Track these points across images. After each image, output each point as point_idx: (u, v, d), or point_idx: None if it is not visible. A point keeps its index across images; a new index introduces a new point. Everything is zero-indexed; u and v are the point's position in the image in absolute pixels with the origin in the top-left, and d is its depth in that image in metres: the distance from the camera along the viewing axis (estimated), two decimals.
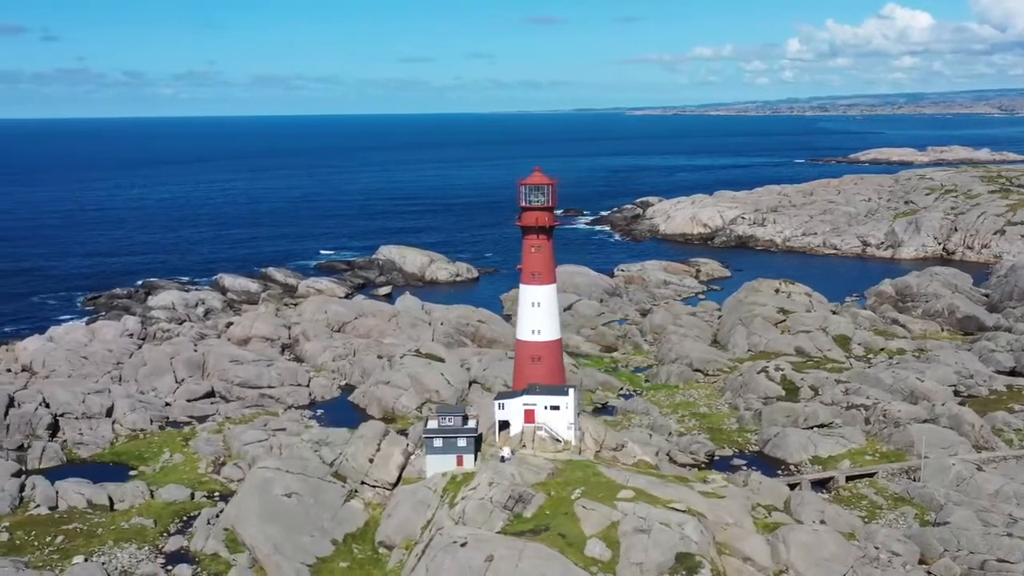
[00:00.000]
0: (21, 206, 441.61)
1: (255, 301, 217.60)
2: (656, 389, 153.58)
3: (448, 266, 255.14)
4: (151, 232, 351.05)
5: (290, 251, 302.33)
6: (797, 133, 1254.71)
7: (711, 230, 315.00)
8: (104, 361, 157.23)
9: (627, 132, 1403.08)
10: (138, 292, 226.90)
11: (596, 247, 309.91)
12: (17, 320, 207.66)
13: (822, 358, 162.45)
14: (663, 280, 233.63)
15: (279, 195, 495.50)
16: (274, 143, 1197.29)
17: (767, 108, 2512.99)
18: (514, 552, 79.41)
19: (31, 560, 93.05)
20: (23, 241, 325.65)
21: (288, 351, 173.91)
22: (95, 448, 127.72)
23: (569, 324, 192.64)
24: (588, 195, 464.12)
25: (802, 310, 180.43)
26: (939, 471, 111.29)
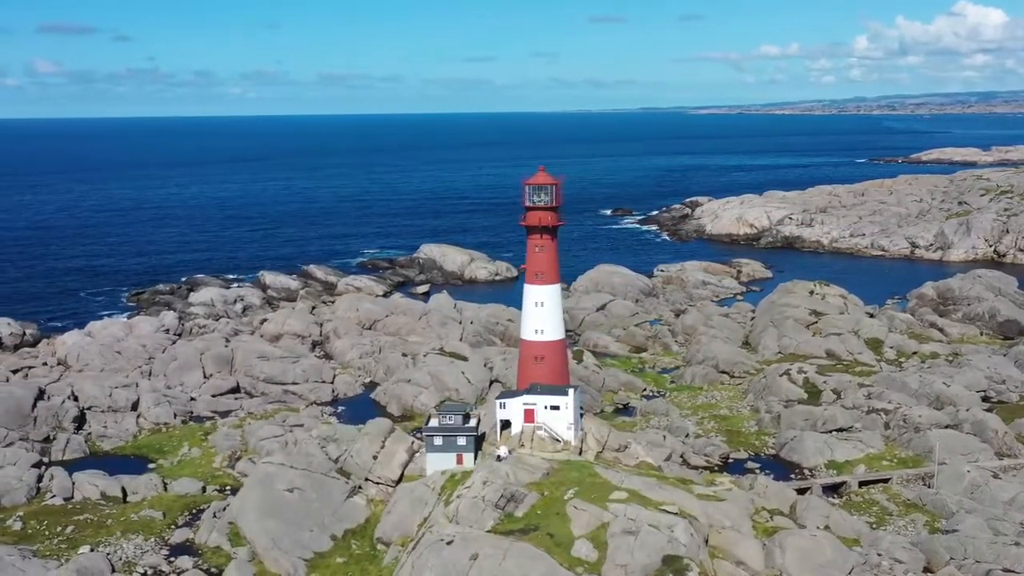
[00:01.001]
0: (82, 203, 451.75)
1: (294, 298, 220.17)
2: (680, 390, 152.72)
3: (488, 265, 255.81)
4: (202, 229, 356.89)
5: (336, 249, 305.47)
6: (861, 132, 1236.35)
7: (757, 230, 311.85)
8: (136, 356, 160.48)
9: (688, 131, 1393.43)
10: (180, 288, 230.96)
11: (641, 247, 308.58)
12: (63, 315, 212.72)
13: (852, 361, 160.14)
14: (701, 281, 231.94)
15: (332, 193, 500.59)
16: (335, 142, 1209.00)
17: (833, 107, 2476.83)
18: (499, 551, 79.66)
19: (40, 549, 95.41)
20: (80, 238, 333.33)
21: (319, 348, 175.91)
22: (118, 441, 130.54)
23: (601, 324, 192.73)
24: (640, 194, 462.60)
25: (835, 312, 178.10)
26: (953, 478, 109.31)
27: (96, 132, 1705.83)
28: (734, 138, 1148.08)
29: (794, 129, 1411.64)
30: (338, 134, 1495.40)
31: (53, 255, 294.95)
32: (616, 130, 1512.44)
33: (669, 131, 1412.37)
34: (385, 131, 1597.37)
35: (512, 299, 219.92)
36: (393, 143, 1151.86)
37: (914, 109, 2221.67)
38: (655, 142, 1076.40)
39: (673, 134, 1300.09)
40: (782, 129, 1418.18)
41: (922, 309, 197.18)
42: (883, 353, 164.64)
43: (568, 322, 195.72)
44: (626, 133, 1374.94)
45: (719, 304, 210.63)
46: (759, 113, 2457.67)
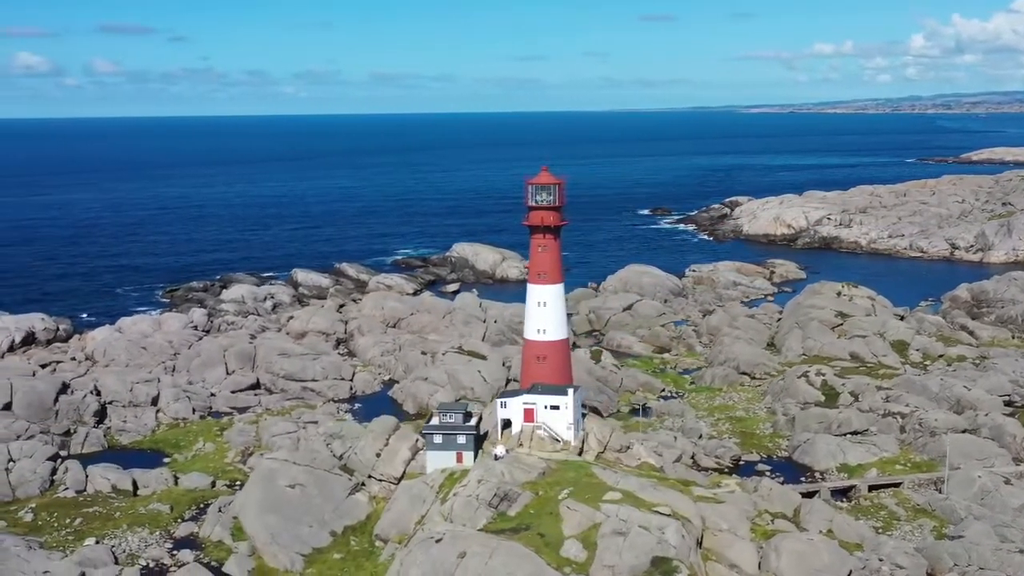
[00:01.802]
0: (129, 201, 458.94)
1: (325, 296, 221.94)
2: (698, 391, 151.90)
3: (519, 264, 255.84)
4: (242, 228, 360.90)
5: (372, 247, 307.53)
6: (913, 132, 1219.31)
7: (795, 231, 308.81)
8: (162, 352, 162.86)
9: (738, 130, 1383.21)
10: (214, 286, 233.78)
11: (676, 247, 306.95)
12: (99, 311, 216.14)
13: (876, 364, 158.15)
14: (732, 281, 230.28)
15: (375, 192, 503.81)
16: (384, 141, 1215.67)
17: (887, 106, 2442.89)
18: (486, 550, 79.92)
19: (47, 541, 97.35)
20: (122, 235, 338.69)
21: (343, 345, 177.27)
22: (136, 435, 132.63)
23: (627, 324, 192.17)
24: (681, 194, 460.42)
25: (862, 314, 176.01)
26: (964, 483, 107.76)
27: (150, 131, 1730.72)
28: (783, 137, 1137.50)
29: (845, 128, 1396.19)
30: (387, 133, 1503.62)
31: (95, 252, 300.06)
32: (664, 129, 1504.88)
33: (717, 130, 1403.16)
34: (435, 130, 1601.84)
35: None
36: (442, 142, 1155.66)
37: (970, 108, 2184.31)
38: (702, 141, 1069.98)
39: (721, 133, 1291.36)
40: (833, 128, 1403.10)
41: (954, 311, 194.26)
42: (908, 356, 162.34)
43: (594, 322, 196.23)
44: (674, 132, 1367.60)
45: (749, 305, 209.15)
46: (811, 112, 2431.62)
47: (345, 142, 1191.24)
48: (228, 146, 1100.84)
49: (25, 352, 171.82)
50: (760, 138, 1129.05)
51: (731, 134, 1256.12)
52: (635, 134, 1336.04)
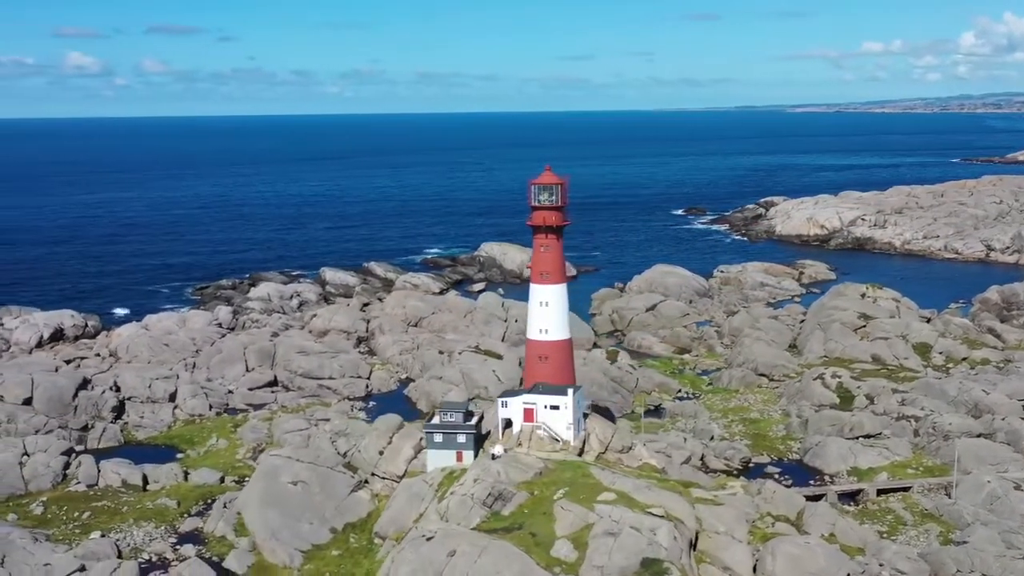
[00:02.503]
0: (170, 200, 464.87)
1: (351, 295, 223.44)
2: (715, 392, 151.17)
3: None
4: (279, 227, 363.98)
5: (405, 246, 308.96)
6: (961, 131, 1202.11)
7: (828, 231, 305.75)
8: (184, 349, 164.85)
9: (783, 130, 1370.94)
10: (242, 284, 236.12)
11: (708, 247, 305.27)
12: (129, 307, 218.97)
13: (897, 366, 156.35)
14: (759, 282, 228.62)
15: (413, 191, 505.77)
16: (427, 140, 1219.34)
17: (936, 105, 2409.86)
18: (476, 549, 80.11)
19: (54, 534, 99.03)
20: (159, 233, 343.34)
21: (364, 344, 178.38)
22: (152, 431, 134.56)
23: (649, 325, 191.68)
24: (718, 194, 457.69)
25: (885, 316, 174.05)
26: (973, 488, 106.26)
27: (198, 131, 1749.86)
28: (827, 137, 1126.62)
29: (892, 128, 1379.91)
30: (431, 132, 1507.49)
31: (132, 250, 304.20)
32: (708, 129, 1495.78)
33: (762, 130, 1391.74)
34: (479, 130, 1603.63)
35: None
36: (485, 141, 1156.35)
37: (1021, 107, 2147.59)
38: (746, 141, 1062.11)
39: (765, 133, 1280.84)
40: (879, 128, 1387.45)
41: (983, 314, 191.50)
42: (931, 359, 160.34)
43: (617, 322, 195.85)
44: (717, 132, 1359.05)
45: (775, 306, 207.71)
46: (858, 112, 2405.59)
47: (387, 141, 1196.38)
48: (272, 146, 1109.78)
49: (52, 348, 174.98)
50: (804, 138, 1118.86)
51: (775, 134, 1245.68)
52: (678, 134, 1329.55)
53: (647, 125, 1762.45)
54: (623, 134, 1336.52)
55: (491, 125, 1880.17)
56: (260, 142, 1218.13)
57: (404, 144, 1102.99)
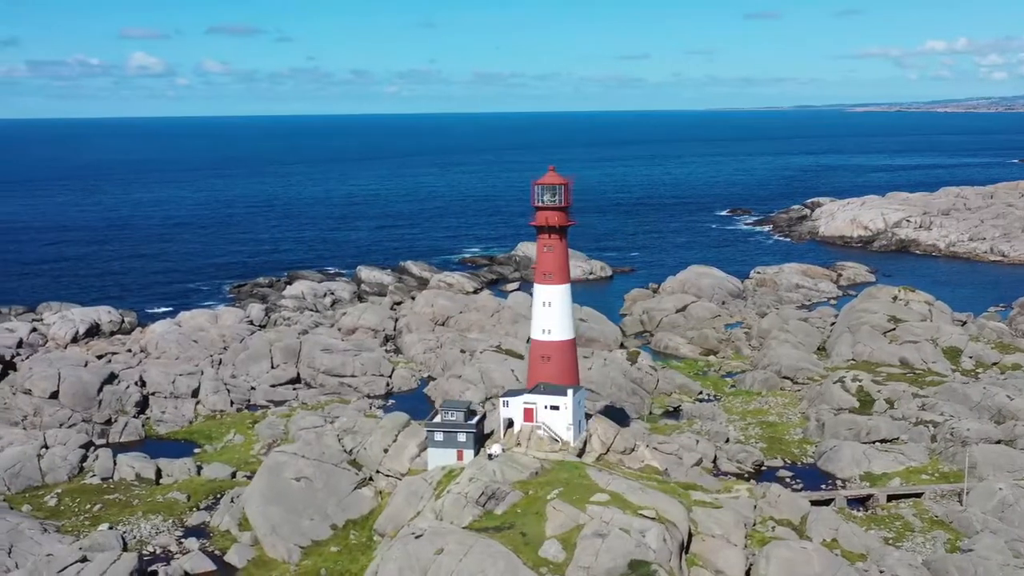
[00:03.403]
0: (219, 198, 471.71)
1: (385, 293, 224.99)
2: (736, 395, 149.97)
3: (582, 264, 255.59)
4: (324, 225, 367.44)
5: (444, 245, 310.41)
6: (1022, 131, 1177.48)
7: (871, 233, 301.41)
8: (212, 345, 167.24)
9: (840, 130, 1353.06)
10: (279, 282, 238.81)
11: (748, 248, 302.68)
12: (167, 304, 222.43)
13: (924, 371, 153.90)
14: (795, 284, 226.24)
15: (459, 191, 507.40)
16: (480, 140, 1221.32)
17: (1001, 105, 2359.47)
18: (463, 548, 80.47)
19: (64, 525, 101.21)
20: (205, 231, 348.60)
21: (391, 342, 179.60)
22: (173, 426, 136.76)
23: (679, 326, 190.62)
24: (766, 194, 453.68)
25: (916, 319, 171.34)
26: (984, 495, 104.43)
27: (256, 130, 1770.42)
28: (886, 137, 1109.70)
29: (953, 128, 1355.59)
30: (487, 132, 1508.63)
31: (177, 247, 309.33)
32: (764, 129, 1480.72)
33: (819, 130, 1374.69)
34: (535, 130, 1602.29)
35: (600, 297, 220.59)
36: (540, 141, 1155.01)
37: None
38: (801, 141, 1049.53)
39: (822, 133, 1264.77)
40: (940, 128, 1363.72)
41: (1021, 318, 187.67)
42: (960, 363, 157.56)
43: (646, 322, 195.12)
44: (774, 132, 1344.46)
45: (809, 308, 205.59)
46: (920, 111, 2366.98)
47: (441, 141, 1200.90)
48: (328, 145, 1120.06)
49: (87, 343, 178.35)
50: (861, 138, 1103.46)
51: (832, 134, 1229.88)
52: (732, 134, 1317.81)
53: (702, 125, 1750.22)
54: (677, 134, 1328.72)
55: (547, 125, 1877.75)
56: (316, 141, 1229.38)
57: (457, 144, 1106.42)
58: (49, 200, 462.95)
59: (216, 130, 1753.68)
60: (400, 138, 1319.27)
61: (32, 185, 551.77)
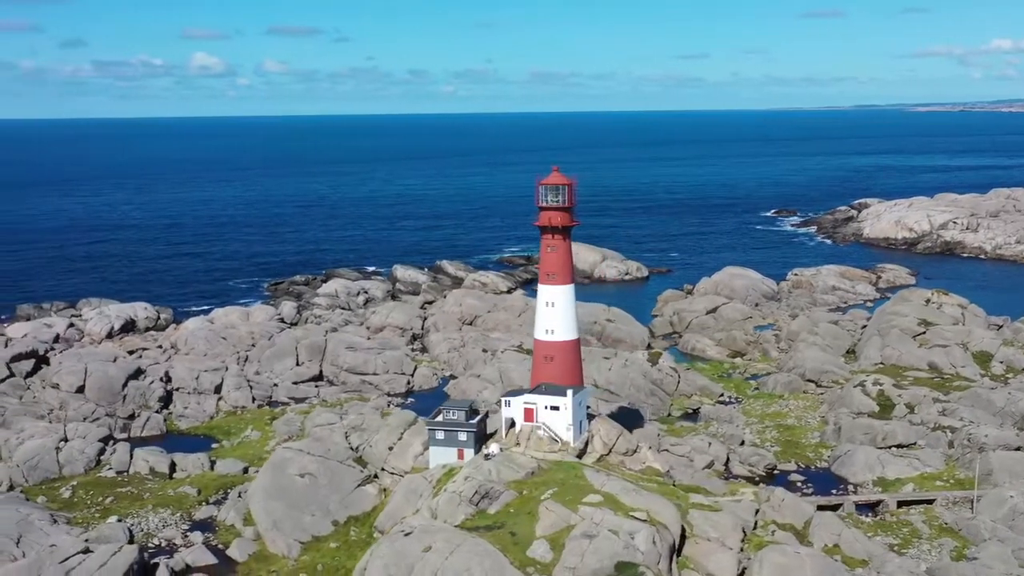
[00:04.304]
0: (268, 198, 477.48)
1: (419, 292, 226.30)
2: (758, 397, 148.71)
3: (618, 264, 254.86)
4: (368, 225, 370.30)
5: (484, 244, 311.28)
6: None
7: (916, 235, 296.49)
8: (240, 342, 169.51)
9: (901, 130, 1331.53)
10: (315, 279, 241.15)
11: (790, 249, 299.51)
12: (208, 301, 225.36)
13: (953, 375, 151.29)
14: (832, 286, 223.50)
15: (505, 190, 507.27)
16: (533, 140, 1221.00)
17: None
18: (450, 546, 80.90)
19: (75, 517, 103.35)
20: (251, 229, 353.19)
21: (418, 341, 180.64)
22: (194, 421, 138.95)
23: (709, 327, 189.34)
24: (815, 195, 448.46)
25: (948, 323, 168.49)
26: (995, 503, 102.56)
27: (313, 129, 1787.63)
28: (946, 137, 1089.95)
29: (1017, 128, 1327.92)
30: (542, 132, 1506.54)
31: (222, 245, 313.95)
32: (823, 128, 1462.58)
33: (879, 130, 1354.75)
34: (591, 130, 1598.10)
35: (632, 298, 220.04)
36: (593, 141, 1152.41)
37: None
38: (858, 141, 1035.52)
39: (881, 133, 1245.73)
40: (1003, 128, 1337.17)
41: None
42: (990, 368, 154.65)
43: (676, 324, 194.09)
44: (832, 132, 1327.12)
45: (844, 311, 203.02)
46: (984, 111, 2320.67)
47: (494, 141, 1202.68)
48: (382, 144, 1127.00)
49: (121, 339, 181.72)
50: (922, 137, 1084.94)
51: (892, 134, 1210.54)
52: (788, 133, 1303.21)
53: (759, 124, 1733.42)
54: (733, 133, 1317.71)
55: (604, 125, 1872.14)
56: (371, 141, 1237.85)
57: (511, 143, 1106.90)
58: (103, 198, 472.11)
59: (274, 130, 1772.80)
60: (455, 138, 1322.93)
61: (90, 183, 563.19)
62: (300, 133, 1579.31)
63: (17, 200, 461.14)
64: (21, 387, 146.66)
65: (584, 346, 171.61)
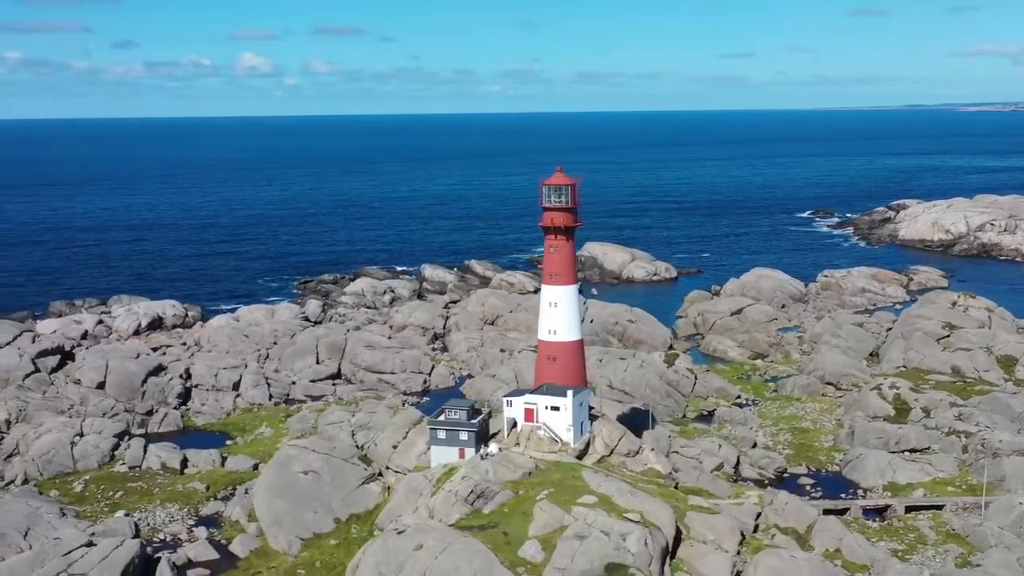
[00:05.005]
0: (305, 197, 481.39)
1: (445, 291, 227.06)
2: (775, 400, 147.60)
3: (647, 265, 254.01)
4: (401, 223, 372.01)
5: (516, 244, 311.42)
6: None
7: (952, 237, 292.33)
8: (262, 340, 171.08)
9: (947, 130, 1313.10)
10: (343, 278, 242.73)
11: (823, 250, 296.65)
12: (238, 299, 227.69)
13: (975, 379, 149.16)
14: (861, 288, 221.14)
15: None
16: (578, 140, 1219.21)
17: None
18: (441, 545, 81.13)
19: (84, 511, 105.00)
20: (285, 228, 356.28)
21: (439, 340, 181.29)
22: (210, 418, 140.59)
23: (732, 329, 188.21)
24: (853, 196, 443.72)
25: (974, 326, 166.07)
26: (1003, 509, 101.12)
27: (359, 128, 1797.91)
28: (994, 137, 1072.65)
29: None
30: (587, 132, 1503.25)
31: (255, 244, 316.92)
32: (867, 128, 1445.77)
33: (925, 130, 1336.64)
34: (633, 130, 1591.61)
35: (658, 300, 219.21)
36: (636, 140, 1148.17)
37: None
38: (903, 141, 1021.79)
39: (927, 133, 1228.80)
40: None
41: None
42: (1014, 372, 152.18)
43: (699, 325, 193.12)
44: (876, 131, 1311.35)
45: (871, 313, 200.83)
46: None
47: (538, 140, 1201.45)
48: (426, 144, 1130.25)
49: (147, 336, 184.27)
50: (971, 138, 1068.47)
51: (939, 134, 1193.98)
52: (832, 133, 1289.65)
53: (805, 124, 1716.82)
54: (778, 133, 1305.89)
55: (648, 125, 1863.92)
56: (413, 140, 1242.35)
57: (553, 143, 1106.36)
58: (146, 197, 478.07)
59: (319, 129, 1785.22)
60: (500, 137, 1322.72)
61: (134, 183, 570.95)
62: (344, 133, 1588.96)
63: (66, 198, 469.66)
64: (45, 382, 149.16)
65: (604, 347, 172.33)
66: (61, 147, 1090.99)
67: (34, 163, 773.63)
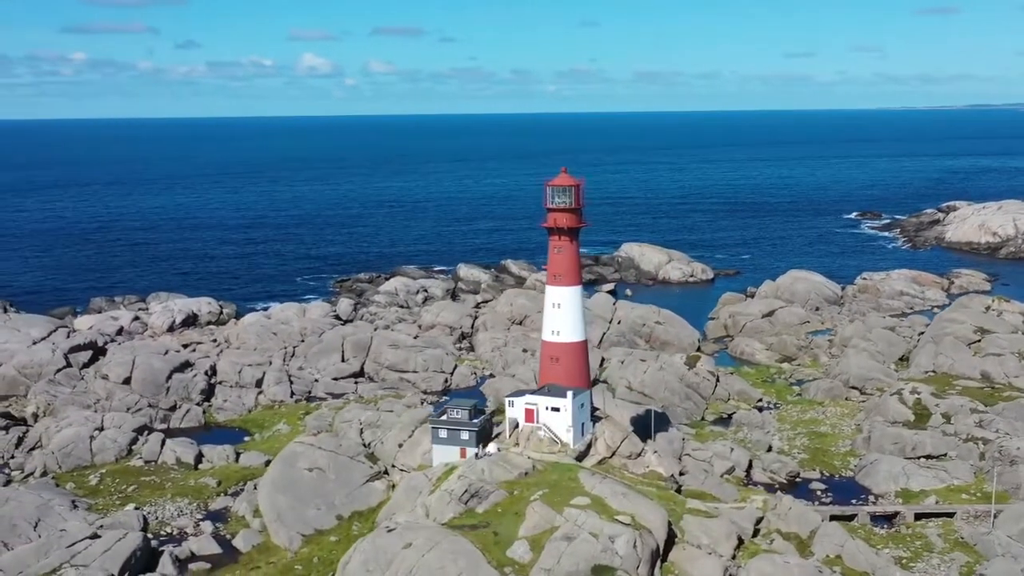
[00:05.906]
0: (353, 196, 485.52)
1: (478, 291, 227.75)
2: (796, 403, 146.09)
3: (683, 266, 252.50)
4: (445, 223, 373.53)
5: None
6: None
7: (1000, 239, 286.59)
8: (290, 338, 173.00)
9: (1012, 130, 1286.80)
10: (379, 277, 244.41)
11: (866, 252, 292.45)
12: (273, 298, 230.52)
13: (1005, 384, 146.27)
14: (899, 291, 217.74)
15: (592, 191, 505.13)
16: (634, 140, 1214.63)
17: None
18: (429, 543, 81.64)
19: (96, 503, 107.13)
20: (329, 227, 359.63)
21: (466, 340, 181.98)
22: (231, 414, 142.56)
23: (763, 331, 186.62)
24: (902, 197, 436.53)
25: (1007, 331, 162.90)
26: (1013, 518, 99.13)
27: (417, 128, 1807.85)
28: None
29: None
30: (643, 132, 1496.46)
31: (298, 243, 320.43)
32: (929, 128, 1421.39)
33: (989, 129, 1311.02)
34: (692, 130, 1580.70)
35: (692, 301, 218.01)
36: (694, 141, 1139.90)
37: None
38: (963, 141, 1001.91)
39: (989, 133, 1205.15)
40: None
41: None
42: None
43: (730, 327, 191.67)
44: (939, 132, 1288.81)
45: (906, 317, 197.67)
46: None
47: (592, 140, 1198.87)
48: (481, 143, 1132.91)
49: (180, 333, 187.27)
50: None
51: (1003, 134, 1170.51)
52: (897, 133, 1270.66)
53: (866, 124, 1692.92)
54: (838, 134, 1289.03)
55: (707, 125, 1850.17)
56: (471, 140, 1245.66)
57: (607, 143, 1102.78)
58: (197, 196, 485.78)
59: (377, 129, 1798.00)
60: (557, 138, 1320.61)
61: (189, 181, 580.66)
62: (402, 132, 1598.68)
63: (122, 197, 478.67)
64: (75, 377, 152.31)
65: (629, 348, 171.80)
66: (122, 147, 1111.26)
67: (96, 163, 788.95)
